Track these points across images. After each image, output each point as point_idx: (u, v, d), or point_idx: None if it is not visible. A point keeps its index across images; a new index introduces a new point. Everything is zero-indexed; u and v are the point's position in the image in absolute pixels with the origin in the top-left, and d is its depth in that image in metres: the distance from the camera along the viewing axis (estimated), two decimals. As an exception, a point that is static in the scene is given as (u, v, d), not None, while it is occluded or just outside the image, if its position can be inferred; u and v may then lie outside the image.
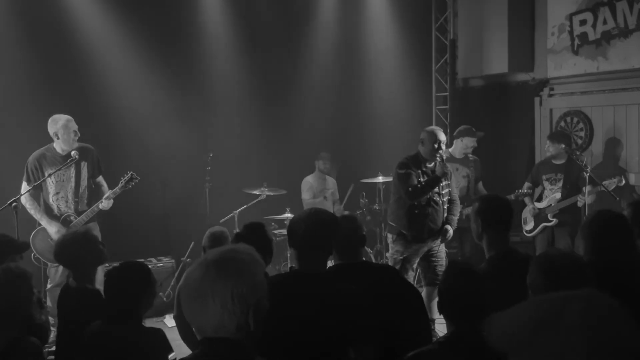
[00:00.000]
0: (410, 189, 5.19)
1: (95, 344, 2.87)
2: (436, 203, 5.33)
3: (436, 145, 5.27)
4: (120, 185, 5.42)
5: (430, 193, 5.26)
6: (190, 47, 7.32)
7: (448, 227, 5.41)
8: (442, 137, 5.35)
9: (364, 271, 3.07)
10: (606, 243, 2.99)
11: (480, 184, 6.57)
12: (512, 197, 6.33)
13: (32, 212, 5.38)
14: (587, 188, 5.82)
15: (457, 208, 5.58)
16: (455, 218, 5.55)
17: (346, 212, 3.45)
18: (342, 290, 2.68)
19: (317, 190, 7.53)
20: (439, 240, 5.41)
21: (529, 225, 6.52)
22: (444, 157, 5.31)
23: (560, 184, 6.34)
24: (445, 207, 5.42)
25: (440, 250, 5.50)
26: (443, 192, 5.36)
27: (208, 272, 1.73)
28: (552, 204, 6.31)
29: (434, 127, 5.77)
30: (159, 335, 3.00)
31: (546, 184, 6.44)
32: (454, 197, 5.55)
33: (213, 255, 1.79)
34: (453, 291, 2.45)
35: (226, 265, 1.75)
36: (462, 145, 6.48)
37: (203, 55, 7.39)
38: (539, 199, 6.52)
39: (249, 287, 1.76)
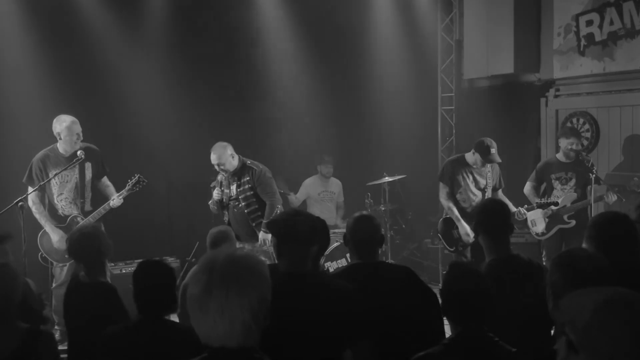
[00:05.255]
0: None
1: (125, 341, 2.82)
2: (236, 207, 5.64)
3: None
4: (127, 187, 5.44)
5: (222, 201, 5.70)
6: (195, 48, 7.33)
7: (261, 232, 5.56)
8: (212, 157, 5.58)
9: (380, 271, 3.07)
10: (612, 244, 2.97)
11: (499, 192, 6.09)
12: (535, 206, 6.05)
13: (37, 216, 5.39)
14: (592, 188, 5.79)
15: (268, 209, 5.59)
16: (267, 221, 5.54)
17: (363, 212, 3.44)
18: (334, 287, 2.69)
19: (315, 192, 7.54)
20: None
21: (540, 227, 6.21)
22: (219, 177, 5.71)
23: (572, 183, 6.15)
24: (249, 210, 5.60)
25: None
26: (240, 197, 5.60)
27: (230, 291, 1.68)
28: (568, 205, 6.06)
29: None
30: (193, 332, 2.98)
31: (556, 183, 6.22)
32: (264, 198, 5.61)
33: (225, 269, 1.71)
34: (456, 292, 2.44)
35: (234, 279, 1.70)
36: (472, 159, 5.93)
37: (207, 56, 7.40)
38: (546, 199, 6.21)
39: (268, 289, 1.76)
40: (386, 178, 7.32)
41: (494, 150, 5.76)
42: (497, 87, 8.36)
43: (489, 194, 5.91)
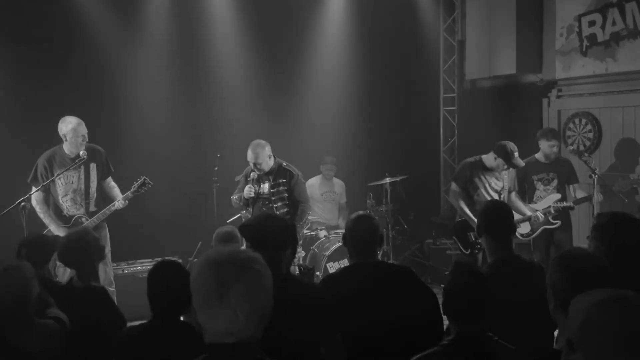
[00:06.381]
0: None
1: (140, 341, 2.80)
2: (266, 207, 5.59)
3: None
4: (132, 189, 5.45)
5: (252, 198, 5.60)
6: (198, 49, 7.34)
7: None
8: (249, 155, 5.55)
9: (380, 271, 3.07)
10: (621, 246, 2.96)
11: (513, 195, 5.98)
12: (552, 211, 5.99)
13: (41, 216, 5.40)
14: (595, 189, 5.79)
15: (300, 213, 5.64)
16: (298, 224, 5.59)
17: (361, 212, 3.45)
18: (308, 288, 2.73)
19: (318, 193, 7.54)
20: None
21: (524, 229, 6.15)
22: (252, 174, 5.61)
23: (554, 184, 6.20)
24: (280, 213, 5.53)
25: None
26: (273, 198, 5.58)
27: (249, 279, 1.71)
28: (552, 205, 6.05)
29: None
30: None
31: (538, 184, 6.21)
32: (297, 201, 5.62)
33: (235, 262, 1.74)
34: (459, 292, 2.44)
35: (247, 269, 1.73)
36: (494, 163, 5.77)
37: (211, 57, 7.42)
38: (528, 200, 6.24)
39: (270, 288, 1.78)
40: (388, 179, 7.32)
41: (516, 155, 5.67)
42: (499, 87, 8.36)
43: (505, 197, 5.83)
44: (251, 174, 5.67)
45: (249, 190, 5.62)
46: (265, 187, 5.64)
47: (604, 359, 1.54)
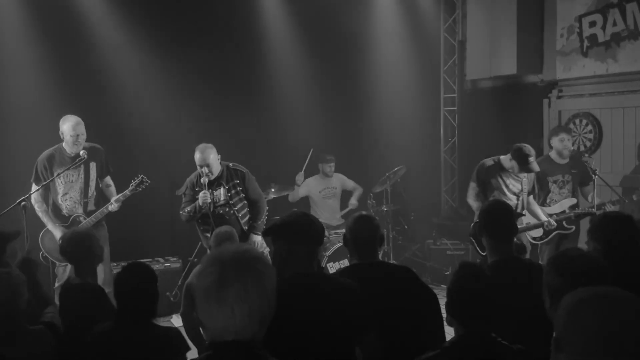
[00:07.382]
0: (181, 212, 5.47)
1: (104, 344, 2.85)
2: (226, 214, 5.36)
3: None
4: (130, 188, 5.44)
5: (209, 206, 5.28)
6: (198, 49, 7.33)
7: (252, 235, 5.39)
8: (198, 158, 5.27)
9: (380, 271, 3.07)
10: (617, 243, 2.97)
11: (532, 198, 5.78)
12: (573, 217, 5.78)
13: (39, 214, 5.40)
14: (594, 192, 5.76)
15: (259, 211, 5.50)
16: (258, 223, 5.47)
17: (364, 212, 3.44)
18: (342, 285, 2.70)
19: (316, 190, 7.53)
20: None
21: (537, 232, 5.97)
22: (203, 180, 5.28)
23: (569, 187, 6.01)
24: (241, 214, 5.41)
25: None
26: (232, 202, 5.36)
27: (248, 278, 1.71)
28: (567, 210, 5.89)
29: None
30: (173, 334, 2.99)
31: (553, 186, 6.02)
32: (254, 200, 5.48)
33: (237, 260, 1.74)
34: (464, 293, 2.43)
35: (249, 269, 1.73)
36: (509, 164, 5.60)
37: (210, 57, 7.40)
38: (541, 202, 6.01)
39: (275, 278, 1.79)
40: (389, 173, 7.36)
41: (532, 159, 5.45)
42: (499, 88, 8.35)
43: (523, 199, 5.64)
44: (201, 180, 5.32)
45: (204, 197, 5.23)
46: (221, 192, 5.36)
47: (587, 358, 1.55)
